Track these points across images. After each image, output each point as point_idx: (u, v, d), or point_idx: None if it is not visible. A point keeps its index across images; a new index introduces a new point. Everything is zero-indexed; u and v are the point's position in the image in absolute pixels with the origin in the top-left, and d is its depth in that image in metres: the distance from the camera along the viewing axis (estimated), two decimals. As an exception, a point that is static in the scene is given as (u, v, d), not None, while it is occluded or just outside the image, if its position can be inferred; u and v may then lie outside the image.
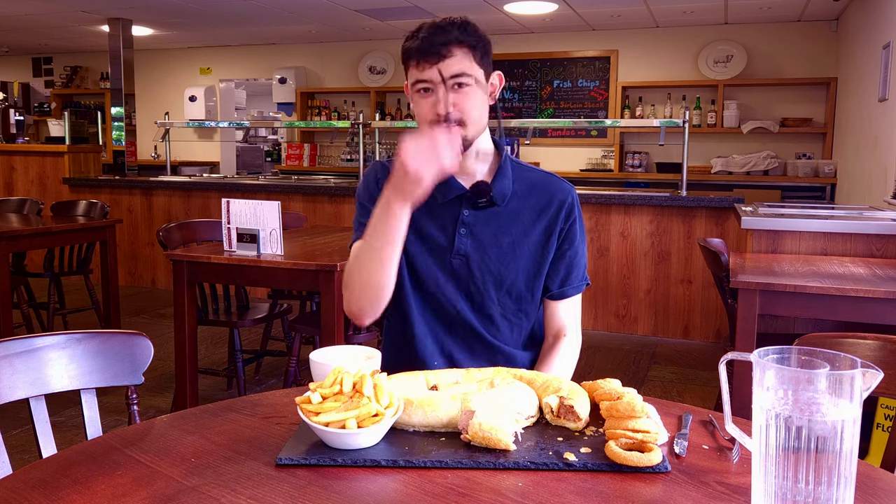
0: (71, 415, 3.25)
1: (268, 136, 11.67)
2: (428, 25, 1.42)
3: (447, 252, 1.50)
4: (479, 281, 1.50)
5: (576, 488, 0.91)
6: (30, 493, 0.91)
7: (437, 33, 1.40)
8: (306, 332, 3.11)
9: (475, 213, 1.50)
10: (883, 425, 2.66)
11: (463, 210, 1.50)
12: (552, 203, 1.53)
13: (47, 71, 10.17)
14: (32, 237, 4.07)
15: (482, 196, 1.48)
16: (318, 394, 1.03)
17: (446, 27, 1.41)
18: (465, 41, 1.41)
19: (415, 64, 1.41)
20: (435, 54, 1.38)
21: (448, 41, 1.39)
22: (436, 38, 1.39)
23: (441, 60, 1.39)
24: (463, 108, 1.41)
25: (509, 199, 1.51)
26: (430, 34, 1.39)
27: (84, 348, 1.33)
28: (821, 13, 6.54)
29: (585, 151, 7.72)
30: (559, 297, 1.55)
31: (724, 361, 0.98)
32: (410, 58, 1.42)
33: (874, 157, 4.95)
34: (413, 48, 1.41)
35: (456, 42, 1.40)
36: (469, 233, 1.49)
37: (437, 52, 1.38)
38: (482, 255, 1.49)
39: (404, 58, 1.45)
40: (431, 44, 1.39)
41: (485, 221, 1.50)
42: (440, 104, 1.40)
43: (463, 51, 1.40)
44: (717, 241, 2.85)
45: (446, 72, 1.39)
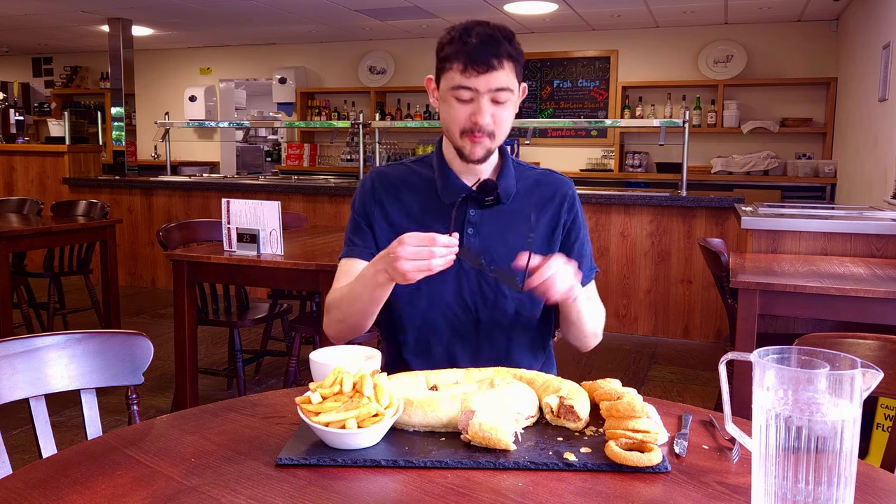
0: (71, 415, 3.25)
1: (268, 136, 11.67)
2: (477, 32, 1.39)
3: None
4: (489, 278, 1.50)
5: (576, 488, 0.92)
6: (30, 493, 0.91)
7: (490, 43, 1.38)
8: (306, 332, 3.11)
9: (481, 212, 1.51)
10: (883, 425, 2.66)
11: (469, 210, 1.50)
12: (554, 197, 1.55)
13: (47, 71, 10.17)
14: (32, 237, 4.07)
15: (488, 194, 1.49)
16: (318, 394, 1.03)
17: (497, 37, 1.39)
18: (513, 56, 1.40)
19: (460, 69, 1.38)
20: (485, 64, 1.37)
21: (500, 54, 1.38)
22: (489, 48, 1.37)
23: (490, 72, 1.37)
24: (499, 121, 1.43)
25: (513, 197, 1.52)
26: (483, 43, 1.37)
27: (84, 348, 1.33)
28: (821, 13, 6.54)
29: (585, 151, 7.72)
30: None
31: (724, 361, 0.98)
32: (456, 61, 1.39)
33: (874, 157, 4.95)
34: (462, 52, 1.38)
35: (507, 55, 1.39)
36: (476, 232, 1.50)
37: (488, 63, 1.37)
38: (490, 253, 1.49)
39: (445, 58, 1.42)
40: (485, 54, 1.37)
41: (491, 220, 1.51)
42: (481, 114, 1.40)
43: (510, 65, 1.40)
44: (717, 241, 2.85)
45: (493, 84, 1.38)
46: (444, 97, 1.45)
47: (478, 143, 1.43)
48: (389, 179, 1.57)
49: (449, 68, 1.41)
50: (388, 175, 1.58)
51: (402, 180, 1.56)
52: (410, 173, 1.57)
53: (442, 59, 1.43)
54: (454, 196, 1.50)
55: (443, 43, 1.43)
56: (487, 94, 1.39)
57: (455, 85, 1.40)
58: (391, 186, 1.55)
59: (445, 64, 1.42)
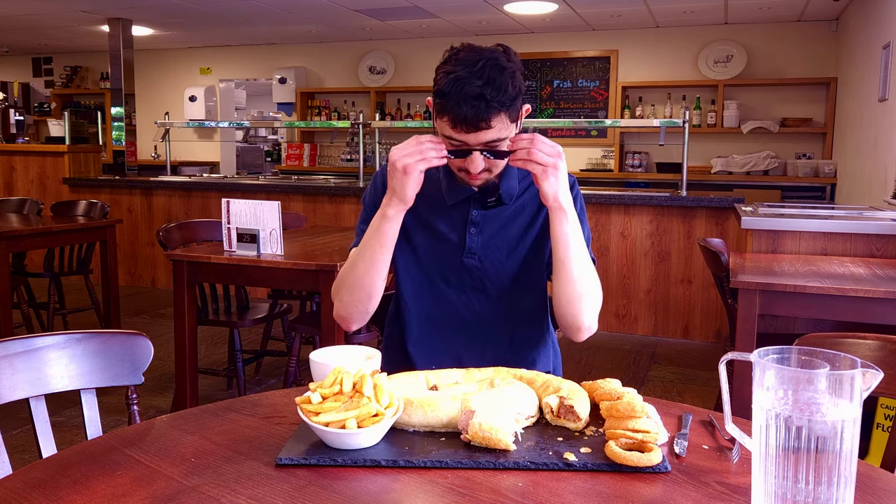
0: (71, 415, 3.25)
1: (268, 136, 11.67)
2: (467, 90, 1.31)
3: (459, 251, 1.52)
4: (492, 275, 1.53)
5: (576, 488, 0.92)
6: (30, 493, 0.91)
7: (478, 106, 1.31)
8: (306, 332, 3.11)
9: (483, 212, 1.53)
10: (883, 425, 2.66)
11: (472, 210, 1.52)
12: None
13: (47, 71, 10.17)
14: (32, 237, 4.07)
15: (490, 195, 1.51)
16: (318, 394, 1.03)
17: (484, 96, 1.31)
18: (504, 107, 1.34)
19: (449, 125, 1.36)
20: (473, 126, 1.34)
21: (488, 115, 1.33)
22: (476, 111, 1.32)
23: (480, 131, 1.35)
24: (494, 165, 1.44)
25: (516, 196, 1.54)
26: (469, 105, 1.31)
27: (84, 348, 1.33)
28: (821, 13, 6.54)
29: (585, 151, 7.72)
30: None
31: (724, 361, 0.98)
32: (444, 115, 1.36)
33: (874, 157, 4.95)
34: (448, 110, 1.34)
35: (494, 112, 1.34)
36: (479, 231, 1.52)
37: (476, 126, 1.34)
38: (493, 251, 1.52)
39: (437, 109, 1.38)
40: (471, 116, 1.33)
41: (492, 219, 1.53)
42: (473, 165, 1.40)
43: (500, 118, 1.35)
44: (717, 241, 2.85)
45: (483, 139, 1.37)
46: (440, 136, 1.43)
47: (475, 179, 1.45)
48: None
49: (441, 117, 1.38)
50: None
51: None
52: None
53: (435, 104, 1.40)
54: (457, 197, 1.52)
55: (438, 86, 1.37)
56: (479, 147, 1.38)
57: (447, 135, 1.39)
58: None
59: (438, 110, 1.39)
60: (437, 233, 1.54)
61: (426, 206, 1.53)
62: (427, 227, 1.54)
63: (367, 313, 1.50)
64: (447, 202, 1.53)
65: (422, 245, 1.54)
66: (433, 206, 1.54)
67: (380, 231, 1.41)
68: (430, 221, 1.53)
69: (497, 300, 1.53)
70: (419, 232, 1.54)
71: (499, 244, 1.52)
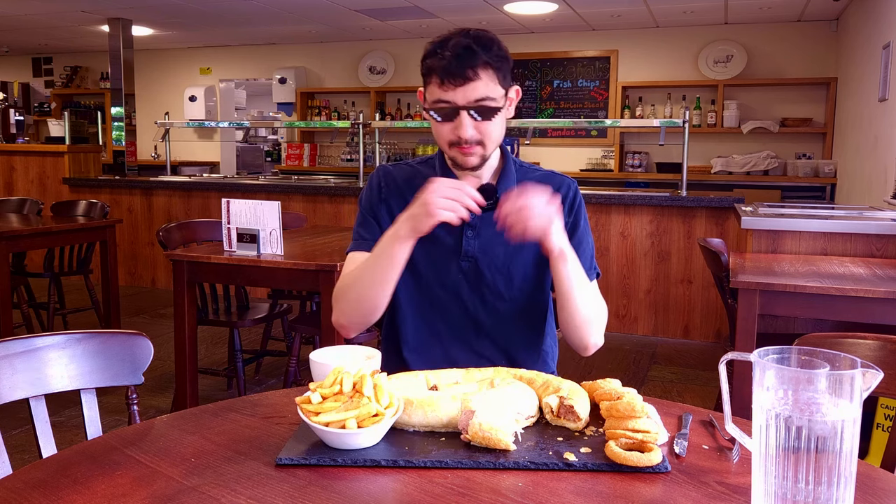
0: (71, 415, 3.25)
1: (268, 136, 11.67)
2: (454, 43, 1.37)
3: (456, 255, 1.51)
4: (489, 280, 1.51)
5: (576, 488, 0.92)
6: (30, 493, 0.91)
7: (465, 55, 1.35)
8: (306, 332, 3.11)
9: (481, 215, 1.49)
10: (883, 425, 2.66)
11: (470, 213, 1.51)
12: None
13: (47, 71, 10.17)
14: (32, 237, 4.07)
15: (488, 198, 1.48)
16: (318, 394, 1.03)
17: (472, 47, 1.36)
18: (491, 63, 1.37)
19: (438, 83, 1.38)
20: (461, 77, 1.35)
21: (475, 64, 1.36)
22: (463, 59, 1.35)
23: (467, 83, 1.36)
24: (484, 131, 1.41)
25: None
26: (457, 55, 1.35)
27: (84, 348, 1.33)
28: (821, 13, 6.54)
29: (585, 151, 7.72)
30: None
31: (724, 361, 0.98)
32: (433, 74, 1.38)
33: (874, 157, 4.95)
34: (437, 67, 1.37)
35: (482, 64, 1.36)
36: (476, 235, 1.51)
37: (464, 75, 1.35)
38: (490, 255, 1.51)
39: (425, 72, 1.42)
40: (458, 66, 1.35)
41: (490, 222, 1.49)
42: (463, 128, 1.39)
43: (488, 73, 1.37)
44: (717, 241, 2.85)
45: (471, 96, 1.37)
46: (429, 112, 1.44)
47: (468, 153, 1.43)
48: (395, 180, 1.57)
49: (429, 82, 1.41)
50: (394, 176, 1.58)
51: (407, 181, 1.55)
52: (415, 175, 1.56)
53: (423, 74, 1.43)
54: None
55: (423, 57, 1.42)
56: (467, 106, 1.38)
57: (435, 99, 1.40)
58: (396, 187, 1.56)
59: (426, 78, 1.42)
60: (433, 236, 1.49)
61: None
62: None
63: (368, 324, 1.49)
64: None
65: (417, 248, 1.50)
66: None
67: (391, 251, 1.38)
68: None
69: (494, 305, 1.51)
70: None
71: (496, 248, 1.50)
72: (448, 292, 1.51)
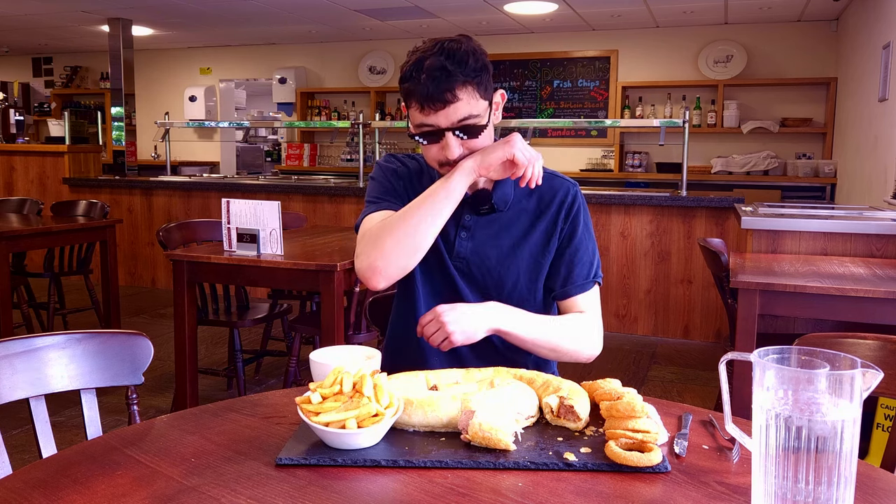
0: (71, 415, 3.25)
1: (268, 136, 11.67)
2: (428, 64, 1.34)
3: (448, 256, 1.50)
4: (480, 283, 1.50)
5: (576, 488, 0.92)
6: (30, 493, 0.91)
7: (441, 77, 1.33)
8: (306, 332, 3.11)
9: (476, 217, 1.50)
10: (883, 425, 2.66)
11: (465, 214, 1.49)
12: (553, 203, 1.51)
13: (47, 71, 10.17)
14: (32, 237, 4.07)
15: (483, 203, 1.48)
16: (318, 394, 1.03)
17: (447, 67, 1.33)
18: (469, 79, 1.35)
19: (418, 108, 1.36)
20: (440, 101, 1.34)
21: (452, 86, 1.33)
22: (440, 82, 1.33)
23: (447, 106, 1.34)
24: (472, 147, 1.40)
25: (511, 202, 1.51)
26: (433, 78, 1.33)
27: (84, 348, 1.33)
28: (821, 13, 6.54)
29: (585, 151, 7.72)
30: (562, 298, 1.52)
31: (724, 361, 0.98)
32: (412, 99, 1.37)
33: (874, 157, 4.95)
34: (415, 92, 1.35)
35: (460, 84, 1.34)
36: (469, 236, 1.50)
37: (443, 99, 1.34)
38: (482, 258, 1.49)
39: (404, 96, 1.41)
40: (436, 90, 1.33)
41: (485, 225, 1.50)
42: (450, 149, 1.38)
43: (467, 90, 1.35)
44: (717, 241, 2.85)
45: (453, 117, 1.36)
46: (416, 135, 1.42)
47: None
48: (405, 168, 1.57)
49: (410, 106, 1.40)
50: (405, 163, 1.58)
51: (412, 174, 1.56)
52: (420, 169, 1.57)
53: (405, 99, 1.41)
54: None
55: (400, 80, 1.41)
56: (451, 127, 1.37)
57: (417, 123, 1.39)
58: (404, 176, 1.56)
59: (406, 101, 1.41)
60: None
61: None
62: None
63: (408, 268, 1.40)
64: None
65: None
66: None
67: (450, 185, 1.36)
68: None
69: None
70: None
71: (489, 252, 1.49)
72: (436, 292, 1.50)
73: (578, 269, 1.50)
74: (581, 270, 1.50)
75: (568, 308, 1.52)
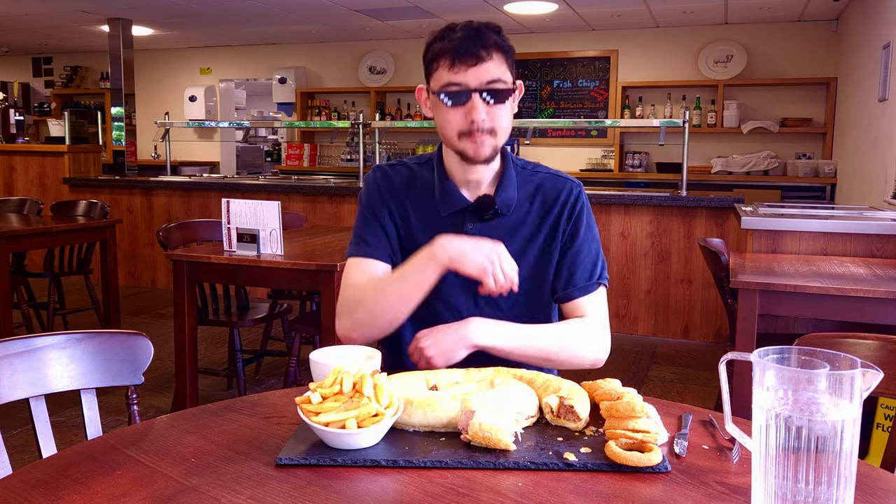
0: (71, 415, 3.25)
1: (268, 136, 11.67)
2: (462, 26, 1.34)
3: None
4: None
5: (576, 488, 0.91)
6: (30, 493, 0.91)
7: (476, 35, 1.31)
8: (306, 332, 3.11)
9: (479, 225, 1.45)
10: (883, 425, 2.66)
11: (467, 223, 1.45)
12: (556, 204, 1.48)
13: (47, 71, 10.17)
14: (32, 237, 4.07)
15: (486, 210, 1.44)
16: (318, 394, 1.03)
17: (482, 30, 1.33)
18: (502, 46, 1.34)
19: (448, 65, 1.33)
20: (474, 56, 1.31)
21: (488, 44, 1.32)
22: (475, 40, 1.31)
23: (479, 64, 1.32)
24: (496, 117, 1.36)
25: (515, 207, 1.47)
26: (468, 36, 1.31)
27: (84, 348, 1.33)
28: (821, 13, 6.54)
29: (585, 151, 7.72)
30: (565, 300, 1.48)
31: (724, 361, 0.98)
32: (442, 58, 1.33)
33: (874, 157, 4.95)
34: (448, 49, 1.32)
35: (494, 45, 1.33)
36: None
37: (477, 55, 1.31)
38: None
39: (432, 58, 1.36)
40: (471, 45, 1.31)
41: (489, 233, 1.45)
42: (476, 111, 1.33)
43: (500, 56, 1.34)
44: (717, 241, 2.85)
45: (483, 77, 1.33)
46: (435, 102, 1.39)
47: (480, 142, 1.36)
48: (393, 182, 1.52)
49: (436, 68, 1.36)
50: (391, 177, 1.52)
51: (405, 184, 1.51)
52: (412, 177, 1.52)
53: (429, 61, 1.38)
54: (452, 208, 1.46)
55: (428, 45, 1.38)
56: (479, 88, 1.33)
57: (444, 83, 1.34)
58: (395, 190, 1.51)
59: (433, 64, 1.37)
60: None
61: (419, 216, 1.48)
62: (420, 239, 1.45)
63: (377, 338, 1.45)
64: (441, 213, 1.46)
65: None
66: (426, 217, 1.47)
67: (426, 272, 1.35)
68: (423, 233, 1.45)
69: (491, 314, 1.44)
70: (412, 243, 1.47)
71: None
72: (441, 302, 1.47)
73: (581, 270, 1.47)
74: (584, 272, 1.47)
75: (571, 311, 1.47)
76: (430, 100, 1.42)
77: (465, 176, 1.46)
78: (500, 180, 1.47)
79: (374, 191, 1.52)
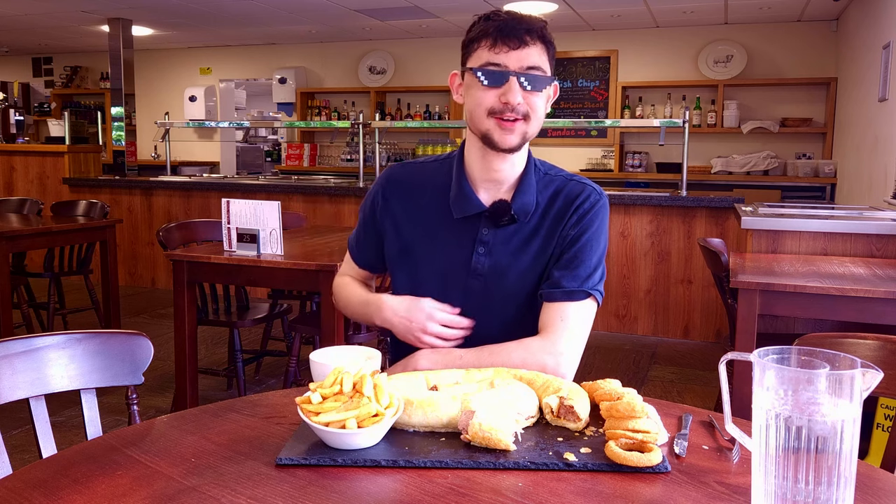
0: (71, 415, 3.25)
1: (268, 136, 11.67)
2: (507, 11, 1.34)
3: (464, 272, 1.42)
4: (497, 299, 1.42)
5: (576, 488, 0.91)
6: (30, 493, 0.91)
7: (521, 19, 1.32)
8: (306, 332, 3.11)
9: (494, 231, 1.41)
10: (883, 425, 2.66)
11: (482, 228, 1.41)
12: (568, 211, 1.42)
13: (47, 71, 10.17)
14: (32, 237, 4.07)
15: (501, 216, 1.40)
16: (318, 394, 1.03)
17: (528, 18, 1.33)
18: (545, 37, 1.34)
19: (489, 44, 1.31)
20: (517, 38, 1.30)
21: (531, 28, 1.31)
22: (519, 22, 1.31)
23: (521, 47, 1.30)
24: (531, 103, 1.33)
25: (532, 213, 1.42)
26: (513, 17, 1.32)
27: (84, 348, 1.33)
28: (821, 13, 6.54)
29: (585, 151, 7.72)
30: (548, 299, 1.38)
31: (724, 361, 0.98)
32: (484, 38, 1.32)
33: (874, 157, 4.95)
34: (491, 28, 1.31)
35: (538, 34, 1.32)
36: (487, 252, 1.41)
37: (520, 38, 1.30)
38: (500, 275, 1.41)
39: (473, 38, 1.35)
40: (515, 27, 1.30)
41: (504, 240, 1.41)
42: (512, 93, 1.30)
43: (542, 46, 1.33)
44: (717, 241, 2.85)
45: (525, 61, 1.31)
46: (469, 82, 1.35)
47: (509, 128, 1.33)
48: (402, 187, 1.49)
49: (476, 48, 1.34)
50: (401, 182, 1.49)
51: (419, 186, 1.48)
52: (427, 178, 1.48)
53: (469, 42, 1.36)
54: (465, 212, 1.41)
55: (470, 27, 1.37)
56: (519, 72, 1.31)
57: (483, 62, 1.32)
58: (404, 194, 1.48)
59: (472, 45, 1.35)
60: (442, 249, 1.43)
61: (433, 218, 1.44)
62: (431, 242, 1.43)
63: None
64: (454, 215, 1.41)
65: (423, 259, 1.44)
66: (440, 220, 1.43)
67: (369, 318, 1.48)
68: (436, 236, 1.43)
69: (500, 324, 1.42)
70: (422, 246, 1.44)
71: (508, 269, 1.40)
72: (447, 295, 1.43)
73: (572, 273, 1.38)
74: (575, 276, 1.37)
75: (548, 315, 1.36)
76: (465, 81, 1.38)
77: (485, 174, 1.41)
78: (519, 185, 1.42)
79: (377, 194, 1.51)
